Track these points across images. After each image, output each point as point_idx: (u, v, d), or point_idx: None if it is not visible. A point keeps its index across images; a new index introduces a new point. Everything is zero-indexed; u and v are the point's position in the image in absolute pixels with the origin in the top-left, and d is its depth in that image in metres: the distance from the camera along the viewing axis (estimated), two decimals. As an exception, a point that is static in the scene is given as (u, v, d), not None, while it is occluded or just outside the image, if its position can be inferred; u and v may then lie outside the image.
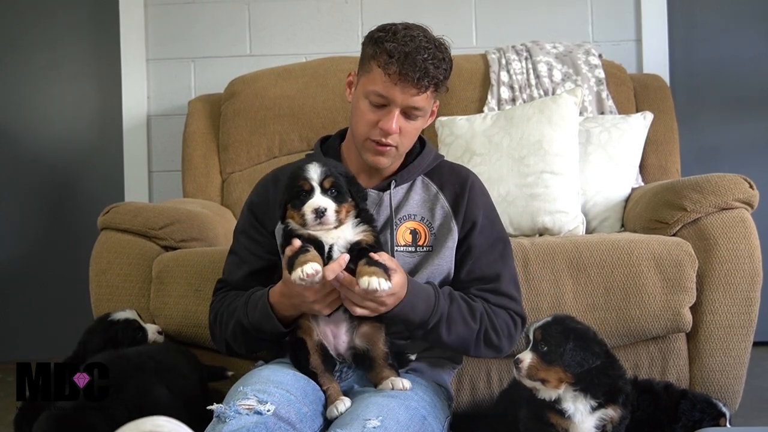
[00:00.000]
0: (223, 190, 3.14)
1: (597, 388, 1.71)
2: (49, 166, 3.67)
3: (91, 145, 3.67)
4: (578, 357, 1.68)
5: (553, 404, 1.71)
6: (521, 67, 3.14)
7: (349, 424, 1.56)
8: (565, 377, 1.70)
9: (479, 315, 1.81)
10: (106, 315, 2.18)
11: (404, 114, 1.79)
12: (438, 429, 1.72)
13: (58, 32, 3.66)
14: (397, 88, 1.76)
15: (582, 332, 1.73)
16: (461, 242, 1.89)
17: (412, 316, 1.72)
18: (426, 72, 1.74)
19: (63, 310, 3.51)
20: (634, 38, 3.45)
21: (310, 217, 1.63)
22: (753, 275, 2.23)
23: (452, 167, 1.99)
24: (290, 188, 1.68)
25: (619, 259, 2.21)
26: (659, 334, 2.24)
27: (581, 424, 1.71)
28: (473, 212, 1.90)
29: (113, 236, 2.38)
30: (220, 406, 1.54)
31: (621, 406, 1.73)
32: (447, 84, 1.84)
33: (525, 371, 1.69)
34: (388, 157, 1.85)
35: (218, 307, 1.89)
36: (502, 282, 1.88)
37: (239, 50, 3.51)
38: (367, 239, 1.68)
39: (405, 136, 1.83)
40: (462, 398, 2.22)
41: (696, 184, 2.31)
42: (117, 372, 1.81)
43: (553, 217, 2.62)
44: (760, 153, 3.47)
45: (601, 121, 2.88)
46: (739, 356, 2.25)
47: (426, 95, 1.78)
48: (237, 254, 1.94)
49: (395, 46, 1.74)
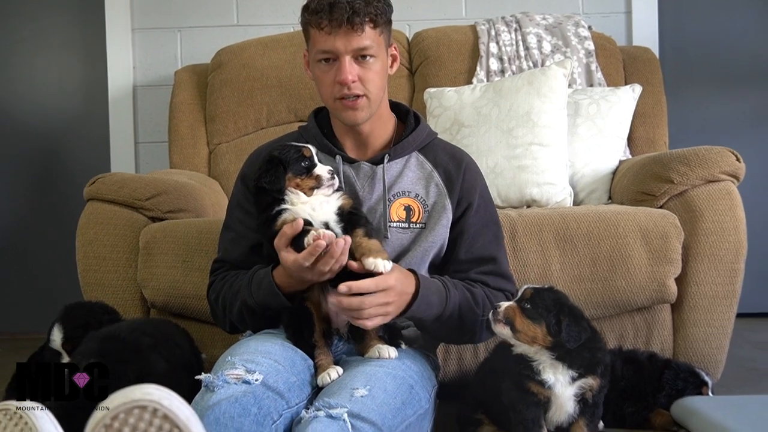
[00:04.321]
0: (210, 161, 3.12)
1: (577, 360, 1.73)
2: (34, 138, 3.65)
3: (77, 115, 3.65)
4: (574, 332, 1.71)
5: (534, 375, 1.74)
6: (510, 38, 3.12)
7: (337, 393, 1.57)
8: (542, 338, 1.72)
9: (481, 301, 1.82)
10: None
11: (356, 60, 1.79)
12: (425, 398, 1.73)
13: (42, 2, 3.62)
14: (334, 38, 1.77)
15: (574, 309, 1.76)
16: (456, 222, 1.89)
17: (427, 313, 1.74)
18: (355, 10, 1.74)
19: (51, 279, 3.52)
20: (624, 10, 3.45)
21: (326, 176, 1.70)
22: (738, 247, 2.25)
23: (447, 146, 1.99)
24: (292, 158, 1.71)
25: (606, 231, 2.22)
26: (644, 305, 2.26)
27: (561, 393, 1.74)
28: (469, 193, 1.90)
29: (100, 207, 2.37)
30: (208, 375, 1.54)
31: (600, 376, 1.76)
32: (388, 17, 1.82)
33: (502, 313, 1.73)
34: (361, 110, 1.84)
35: (219, 288, 1.86)
36: (499, 264, 1.90)
37: (226, 20, 3.48)
38: (346, 203, 1.71)
39: (368, 82, 1.81)
40: (449, 368, 2.24)
41: (683, 156, 2.32)
42: (115, 358, 1.78)
43: (541, 189, 2.62)
44: (746, 127, 3.49)
45: (590, 93, 2.88)
46: (722, 327, 2.28)
47: (366, 33, 1.77)
48: (233, 230, 1.91)
49: (319, 2, 1.77)
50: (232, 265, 1.88)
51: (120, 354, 1.82)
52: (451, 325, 1.79)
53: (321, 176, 1.70)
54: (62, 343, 2.02)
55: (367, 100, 1.82)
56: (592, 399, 1.76)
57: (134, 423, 1.16)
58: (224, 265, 1.90)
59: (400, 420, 1.61)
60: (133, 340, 1.88)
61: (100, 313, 2.09)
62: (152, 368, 1.83)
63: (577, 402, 1.76)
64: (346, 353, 1.78)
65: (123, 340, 1.88)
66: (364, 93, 1.81)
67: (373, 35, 1.79)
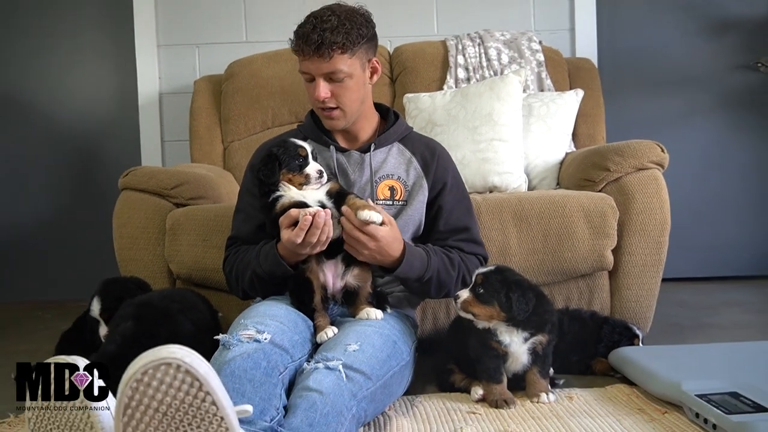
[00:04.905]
0: (225, 156, 3.09)
1: (528, 323, 1.74)
2: (76, 138, 3.61)
3: (112, 119, 3.60)
4: (523, 304, 1.71)
5: (493, 337, 1.75)
6: (475, 51, 3.10)
7: (333, 348, 1.56)
8: (497, 315, 1.73)
9: (456, 264, 1.84)
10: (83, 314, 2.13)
11: (329, 80, 1.78)
12: (406, 351, 1.73)
13: (80, 23, 3.56)
14: (308, 62, 1.77)
15: (519, 282, 1.75)
16: (434, 200, 1.90)
17: (410, 274, 1.75)
18: (323, 41, 1.72)
19: (91, 256, 3.49)
20: (569, 27, 3.43)
21: (315, 176, 1.67)
22: (663, 224, 2.26)
23: (422, 138, 2.00)
24: (288, 156, 1.68)
25: (555, 211, 2.22)
26: (587, 272, 2.27)
27: (517, 350, 1.76)
28: (443, 175, 1.91)
29: (132, 195, 2.34)
30: (225, 336, 1.53)
31: (548, 333, 1.77)
32: (361, 41, 1.77)
33: (460, 305, 1.75)
34: (337, 120, 1.84)
35: (233, 260, 1.86)
36: (472, 232, 1.91)
37: (237, 37, 3.44)
38: (333, 187, 1.71)
39: (342, 97, 1.80)
40: (425, 326, 2.24)
41: (618, 149, 2.32)
42: (149, 321, 1.78)
43: (501, 177, 2.61)
44: (670, 123, 3.50)
45: (541, 97, 2.86)
46: (651, 289, 2.29)
47: (335, 59, 1.75)
48: (243, 211, 1.90)
49: (299, 30, 1.77)
50: (243, 242, 1.88)
51: (154, 318, 1.81)
52: (431, 284, 1.81)
53: (310, 175, 1.67)
54: (100, 312, 2.00)
55: (341, 112, 1.82)
56: (543, 351, 1.77)
57: (161, 377, 1.15)
58: (236, 241, 1.90)
59: (386, 370, 1.61)
60: (164, 307, 1.87)
61: (133, 287, 2.07)
62: (180, 329, 1.82)
63: (530, 354, 1.77)
64: (340, 315, 1.78)
65: (155, 306, 1.87)
66: (338, 106, 1.80)
67: (344, 59, 1.76)
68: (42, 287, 3.61)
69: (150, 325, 1.77)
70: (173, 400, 1.15)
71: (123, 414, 1.15)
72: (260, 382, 1.40)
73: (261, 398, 1.37)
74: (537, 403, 1.75)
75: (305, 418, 1.36)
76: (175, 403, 1.15)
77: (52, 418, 1.29)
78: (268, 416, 1.35)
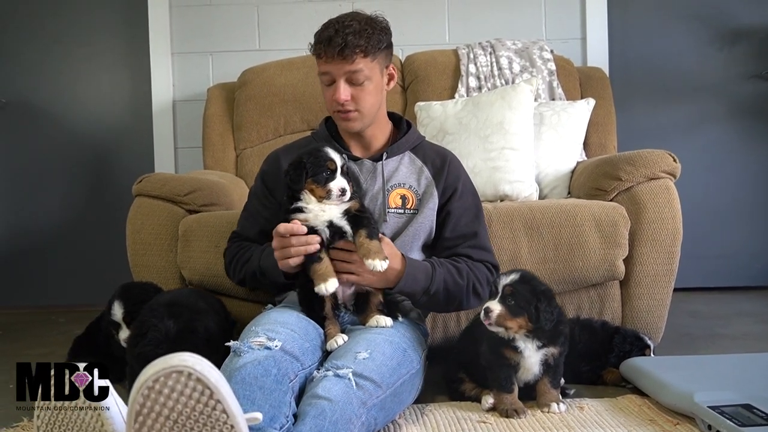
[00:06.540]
0: (237, 163, 3.09)
1: (543, 333, 1.72)
2: (91, 144, 3.62)
3: (126, 125, 3.61)
4: (549, 315, 1.69)
5: (509, 342, 1.73)
6: (486, 60, 3.09)
7: (343, 356, 1.56)
8: (526, 326, 1.71)
9: (465, 273, 1.82)
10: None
11: (350, 82, 1.79)
12: (416, 360, 1.72)
13: (96, 30, 3.59)
14: (329, 64, 1.78)
15: (546, 292, 1.72)
16: (444, 206, 1.90)
17: (415, 287, 1.75)
18: (346, 43, 1.74)
19: (104, 262, 3.50)
20: (580, 37, 3.42)
21: (336, 193, 1.64)
22: (675, 233, 2.24)
23: (433, 146, 2.01)
24: (316, 166, 1.65)
25: (566, 220, 2.21)
26: (598, 282, 2.25)
27: (529, 358, 1.73)
28: (453, 182, 1.91)
29: (145, 202, 2.35)
30: (236, 342, 1.53)
31: (560, 345, 1.75)
32: (381, 47, 1.81)
33: (494, 320, 1.70)
34: (354, 122, 1.84)
35: (234, 251, 1.92)
36: (480, 238, 1.90)
37: (250, 45, 3.45)
38: (354, 206, 1.68)
39: (361, 100, 1.81)
40: (436, 335, 2.23)
41: (629, 158, 2.30)
42: (186, 318, 1.81)
43: (512, 186, 2.60)
44: (682, 132, 3.48)
45: (552, 106, 2.85)
46: (662, 299, 2.27)
47: (357, 62, 1.77)
48: (250, 212, 1.96)
49: (321, 34, 1.79)
50: (245, 239, 1.94)
51: (189, 314, 1.83)
52: (439, 297, 1.79)
53: (332, 191, 1.64)
54: (123, 316, 2.00)
55: (359, 114, 1.83)
56: (554, 362, 1.76)
57: (172, 385, 1.15)
58: (239, 237, 1.96)
59: (396, 378, 1.61)
60: (193, 304, 1.90)
61: (152, 291, 2.08)
62: (211, 327, 1.84)
63: (542, 364, 1.75)
64: (351, 323, 1.78)
65: (185, 305, 1.88)
66: (356, 108, 1.81)
67: (365, 62, 1.78)
68: (56, 292, 3.63)
69: (187, 322, 1.80)
70: (184, 408, 1.15)
71: (135, 421, 1.16)
72: (270, 389, 1.40)
73: (271, 405, 1.37)
74: (548, 413, 1.73)
75: (314, 425, 1.36)
76: (186, 410, 1.15)
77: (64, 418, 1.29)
78: (278, 423, 1.35)
